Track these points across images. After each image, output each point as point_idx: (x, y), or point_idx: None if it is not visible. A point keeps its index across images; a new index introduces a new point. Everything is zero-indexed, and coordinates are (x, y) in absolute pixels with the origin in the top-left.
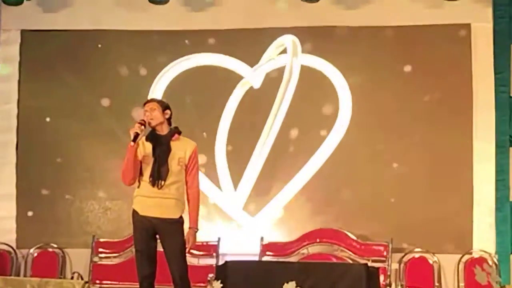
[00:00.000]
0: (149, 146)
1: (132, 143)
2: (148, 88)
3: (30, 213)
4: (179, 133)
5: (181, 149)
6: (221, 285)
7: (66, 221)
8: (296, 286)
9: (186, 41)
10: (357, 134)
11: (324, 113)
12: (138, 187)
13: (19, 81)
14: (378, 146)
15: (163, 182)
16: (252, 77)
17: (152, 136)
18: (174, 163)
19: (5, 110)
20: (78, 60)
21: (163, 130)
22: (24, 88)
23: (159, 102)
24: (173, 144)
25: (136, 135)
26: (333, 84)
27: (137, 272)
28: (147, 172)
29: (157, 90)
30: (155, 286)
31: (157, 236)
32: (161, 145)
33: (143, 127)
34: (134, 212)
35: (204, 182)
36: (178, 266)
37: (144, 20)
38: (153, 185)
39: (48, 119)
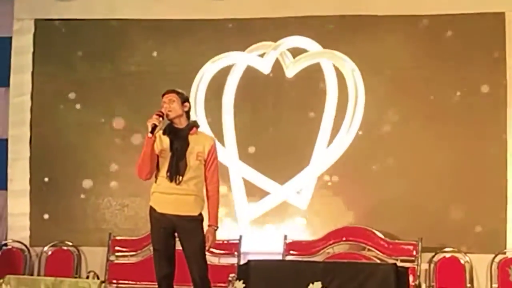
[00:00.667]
0: (166, 140)
1: (149, 135)
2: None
3: (45, 216)
4: (198, 127)
5: (199, 143)
6: (243, 285)
7: (81, 218)
8: (322, 287)
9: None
10: (387, 130)
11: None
12: (156, 182)
13: (32, 73)
14: (408, 142)
15: (181, 178)
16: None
17: (170, 130)
18: (193, 157)
19: (18, 102)
20: (93, 49)
21: (181, 123)
22: (38, 80)
23: (179, 93)
24: (191, 138)
25: (154, 127)
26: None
27: (155, 271)
28: (164, 167)
29: None
30: (174, 287)
31: (176, 235)
32: (179, 139)
33: (161, 118)
34: (152, 209)
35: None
36: (197, 266)
37: (160, 8)
38: (171, 181)
39: (62, 110)
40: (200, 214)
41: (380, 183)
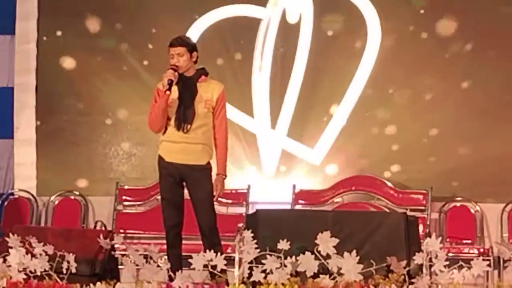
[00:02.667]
0: (174, 89)
1: (167, 92)
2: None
3: (51, 165)
4: (206, 74)
5: (208, 91)
6: (252, 234)
7: (88, 167)
8: (331, 236)
9: None
10: (402, 76)
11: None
12: (164, 132)
13: (38, 20)
14: (420, 87)
15: (189, 126)
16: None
17: (178, 78)
18: (201, 106)
19: (24, 50)
20: None
21: (190, 71)
22: (43, 27)
23: (187, 45)
24: (199, 86)
25: (171, 82)
26: None
27: (164, 221)
28: (172, 116)
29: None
30: (182, 236)
31: (184, 184)
32: (187, 87)
33: (176, 73)
34: (160, 159)
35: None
36: (206, 215)
37: None
38: (179, 129)
39: (69, 60)
40: (208, 163)
41: (389, 131)
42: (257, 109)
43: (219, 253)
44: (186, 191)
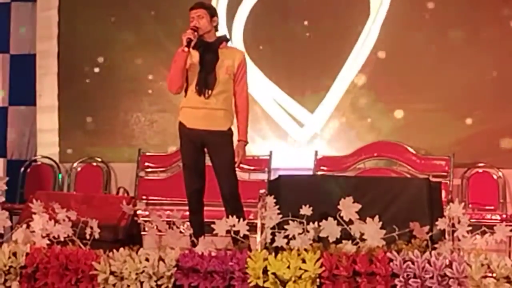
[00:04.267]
0: (195, 54)
1: (185, 49)
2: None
3: (72, 126)
4: (227, 40)
5: (229, 57)
6: (274, 200)
7: (111, 134)
8: (353, 202)
9: None
10: (427, 41)
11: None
12: (185, 97)
13: None
14: (444, 53)
15: (210, 92)
16: None
17: (200, 44)
18: (222, 71)
19: (45, 16)
20: None
21: (211, 37)
22: None
23: (207, 8)
24: (221, 52)
25: (190, 41)
26: None
27: (185, 187)
28: (193, 81)
29: None
30: (204, 202)
31: (205, 150)
32: (208, 53)
33: (196, 33)
34: (181, 125)
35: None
36: (227, 181)
37: None
38: (200, 94)
39: (92, 23)
40: (230, 129)
41: (411, 98)
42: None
43: (241, 219)
44: (207, 157)
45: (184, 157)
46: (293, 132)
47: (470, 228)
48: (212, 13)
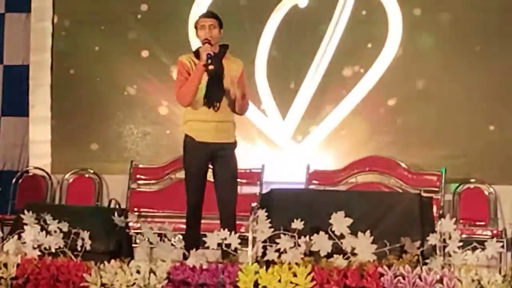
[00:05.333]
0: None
1: (210, 67)
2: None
3: (65, 138)
4: (227, 48)
5: (232, 68)
6: (266, 213)
7: (103, 146)
8: (345, 216)
9: None
10: (411, 60)
11: (375, 37)
12: (191, 109)
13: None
14: (433, 70)
15: (219, 104)
16: None
17: (210, 56)
18: (227, 82)
19: (39, 28)
20: None
21: (215, 48)
22: (59, 4)
23: (218, 18)
24: (224, 62)
25: (210, 56)
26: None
27: (187, 198)
28: (200, 92)
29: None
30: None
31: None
32: (214, 65)
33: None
34: (188, 138)
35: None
36: (230, 192)
37: None
38: (209, 107)
39: (84, 36)
40: (236, 141)
41: (404, 112)
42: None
43: (233, 232)
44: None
45: (191, 169)
46: (285, 146)
47: (461, 243)
48: (221, 24)
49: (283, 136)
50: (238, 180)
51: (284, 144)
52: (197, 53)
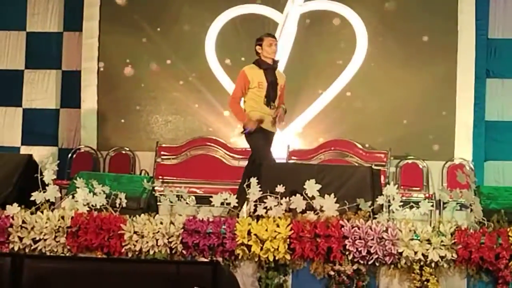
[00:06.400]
0: (260, 73)
1: (245, 133)
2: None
3: (107, 124)
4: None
5: (280, 79)
6: (257, 180)
7: (136, 130)
8: (316, 183)
9: None
10: (369, 67)
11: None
12: (251, 104)
13: (99, 21)
14: (383, 77)
15: (273, 104)
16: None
17: (266, 66)
18: (278, 89)
19: (89, 43)
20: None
21: (271, 61)
22: (103, 25)
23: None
24: (276, 73)
25: (249, 131)
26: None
27: (259, 156)
28: (262, 93)
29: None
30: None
31: None
32: (270, 73)
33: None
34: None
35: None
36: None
37: None
38: (267, 106)
39: (126, 48)
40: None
41: (360, 107)
42: None
43: (232, 194)
44: None
45: (261, 139)
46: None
47: (401, 203)
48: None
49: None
50: (237, 156)
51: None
52: (258, 63)
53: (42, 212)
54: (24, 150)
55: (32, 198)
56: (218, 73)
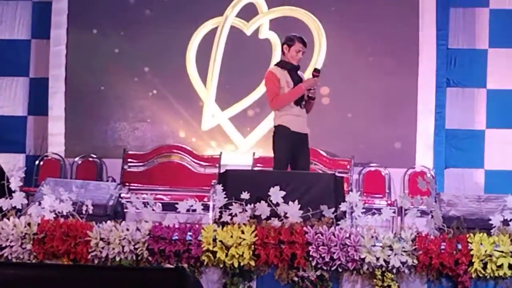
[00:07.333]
0: (286, 74)
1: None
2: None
3: (76, 135)
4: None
5: (304, 79)
6: (222, 187)
7: (103, 137)
8: (280, 190)
9: None
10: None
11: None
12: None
13: (67, 29)
14: (346, 86)
15: (303, 103)
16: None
17: (291, 67)
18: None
19: (57, 50)
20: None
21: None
22: (72, 33)
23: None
24: (299, 74)
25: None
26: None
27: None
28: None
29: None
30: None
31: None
32: (295, 74)
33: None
34: (283, 128)
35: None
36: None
37: None
38: (297, 105)
39: (93, 56)
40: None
41: (324, 115)
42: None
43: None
44: None
45: (282, 152)
46: (238, 141)
47: (364, 210)
48: None
49: (236, 133)
50: (203, 163)
51: (237, 138)
52: (281, 65)
53: (8, 219)
54: None
55: None
56: (185, 81)
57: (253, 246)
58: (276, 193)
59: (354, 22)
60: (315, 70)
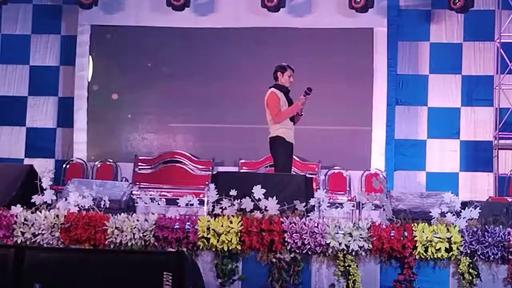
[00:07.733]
0: (282, 95)
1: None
2: None
3: (95, 141)
4: None
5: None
6: (214, 186)
7: (118, 145)
8: (261, 188)
9: None
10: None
11: None
12: (279, 123)
13: (89, 57)
14: (313, 107)
15: (294, 120)
16: None
17: (285, 89)
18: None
19: (80, 75)
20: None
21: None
22: (96, 60)
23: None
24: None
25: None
26: None
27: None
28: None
29: None
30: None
31: None
32: (287, 95)
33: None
34: (282, 139)
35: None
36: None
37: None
38: (291, 121)
39: (111, 79)
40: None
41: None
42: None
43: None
44: None
45: (286, 156)
46: None
47: (329, 204)
48: None
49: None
50: (199, 166)
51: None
52: (278, 87)
53: (40, 211)
54: (27, 161)
55: (32, 200)
56: (184, 97)
57: (239, 233)
58: (258, 191)
59: (320, 57)
60: (308, 88)
